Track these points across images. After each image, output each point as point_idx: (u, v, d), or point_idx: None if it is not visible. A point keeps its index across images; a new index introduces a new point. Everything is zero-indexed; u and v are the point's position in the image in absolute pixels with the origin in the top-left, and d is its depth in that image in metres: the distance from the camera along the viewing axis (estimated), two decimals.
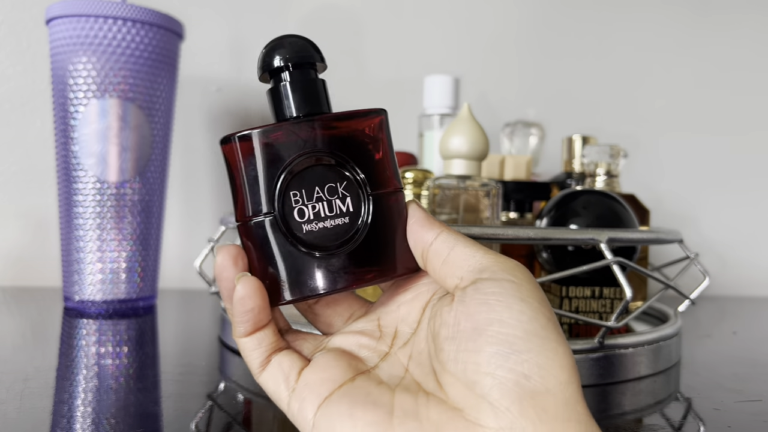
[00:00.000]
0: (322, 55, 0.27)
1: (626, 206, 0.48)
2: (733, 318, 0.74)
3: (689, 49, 0.91)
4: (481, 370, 0.21)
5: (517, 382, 0.20)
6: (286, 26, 0.83)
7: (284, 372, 0.25)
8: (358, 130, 0.26)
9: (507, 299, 0.22)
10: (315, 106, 0.26)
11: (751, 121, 0.91)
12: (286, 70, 0.26)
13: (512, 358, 0.20)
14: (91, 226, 0.59)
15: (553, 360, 0.20)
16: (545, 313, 0.22)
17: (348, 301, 0.28)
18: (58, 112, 0.60)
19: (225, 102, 0.82)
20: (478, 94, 0.87)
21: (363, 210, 0.25)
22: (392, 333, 0.26)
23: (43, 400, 0.35)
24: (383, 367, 0.25)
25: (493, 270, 0.23)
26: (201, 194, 0.82)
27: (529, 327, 0.21)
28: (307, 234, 0.25)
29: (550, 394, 0.20)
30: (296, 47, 0.26)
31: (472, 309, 0.22)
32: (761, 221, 0.91)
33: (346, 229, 0.25)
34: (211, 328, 0.57)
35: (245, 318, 0.25)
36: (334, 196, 0.25)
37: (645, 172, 0.89)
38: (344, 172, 0.25)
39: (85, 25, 0.57)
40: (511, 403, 0.20)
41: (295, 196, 0.25)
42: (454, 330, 0.22)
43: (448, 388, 0.22)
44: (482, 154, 0.45)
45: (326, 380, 0.24)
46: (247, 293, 0.24)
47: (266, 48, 0.27)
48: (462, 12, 0.87)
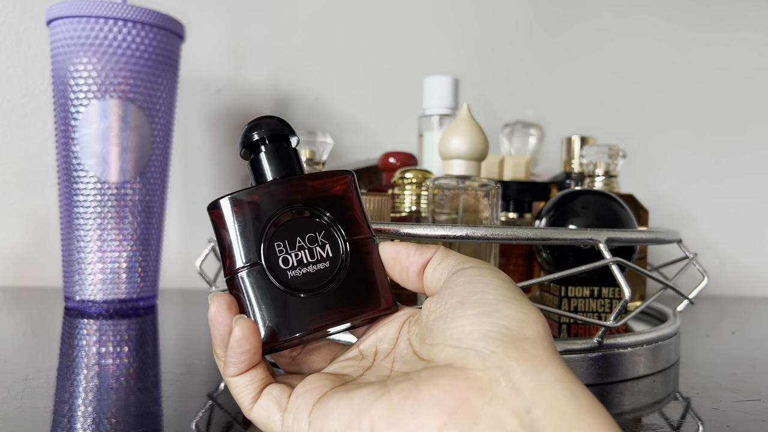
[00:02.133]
0: (294, 130, 0.31)
1: (625, 206, 0.48)
2: (731, 318, 0.74)
3: (688, 50, 0.91)
4: (466, 329, 0.23)
5: (499, 332, 0.22)
6: (286, 27, 0.83)
7: (275, 398, 0.26)
8: (329, 188, 0.30)
9: (487, 278, 0.25)
10: (289, 170, 0.30)
11: (750, 121, 0.91)
12: (263, 144, 0.30)
13: (494, 314, 0.23)
14: (91, 227, 0.59)
15: (529, 316, 0.23)
16: (519, 290, 0.25)
17: (329, 345, 0.31)
18: (59, 112, 0.60)
19: (225, 103, 0.82)
20: (478, 94, 0.87)
21: (341, 253, 0.29)
22: (373, 353, 0.28)
23: (44, 400, 0.35)
24: (368, 374, 0.27)
25: (475, 263, 0.27)
26: (201, 194, 0.82)
27: (508, 294, 0.24)
28: (292, 279, 0.28)
29: (530, 341, 0.22)
30: (271, 125, 0.30)
31: (457, 289, 0.25)
32: (760, 221, 0.92)
33: (327, 273, 0.28)
34: None
35: (241, 359, 0.26)
36: (314, 243, 0.28)
37: (644, 172, 0.89)
38: (322, 222, 0.29)
39: (86, 25, 0.57)
40: (496, 347, 0.22)
41: (279, 246, 0.28)
42: (441, 309, 0.25)
43: (437, 356, 0.24)
44: (482, 155, 0.45)
45: (317, 388, 0.25)
46: (244, 334, 0.26)
47: (245, 128, 0.31)
48: (462, 12, 0.88)
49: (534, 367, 0.21)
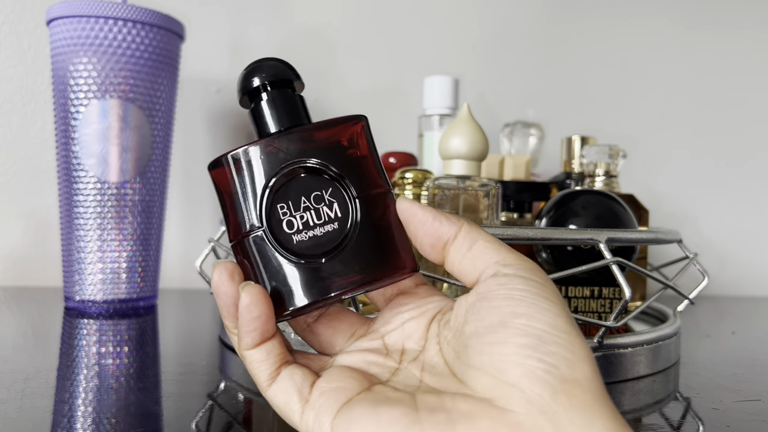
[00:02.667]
0: (298, 74, 0.28)
1: (625, 206, 0.48)
2: (732, 318, 0.74)
3: (688, 49, 0.91)
4: (508, 360, 0.21)
5: (546, 371, 0.20)
6: (286, 27, 0.83)
7: (296, 384, 0.24)
8: (338, 137, 0.26)
9: (532, 297, 0.22)
10: (294, 120, 0.27)
11: (750, 121, 0.91)
12: (264, 90, 0.27)
13: (540, 349, 0.21)
14: (91, 226, 0.59)
15: (578, 355, 0.21)
16: (567, 313, 0.22)
17: (349, 319, 0.28)
18: (59, 112, 0.60)
19: (225, 103, 0.82)
20: (478, 94, 0.87)
21: (351, 214, 0.25)
22: (399, 350, 0.26)
23: (44, 400, 0.35)
24: (396, 380, 0.25)
25: (517, 267, 0.23)
26: (201, 194, 0.82)
27: (554, 323, 0.21)
28: (298, 244, 0.25)
29: (578, 384, 0.20)
30: (273, 68, 0.27)
31: (497, 303, 0.22)
32: (760, 221, 0.92)
33: (336, 235, 0.25)
34: (211, 327, 0.57)
35: (252, 326, 0.24)
36: (321, 203, 0.25)
37: (644, 172, 0.89)
38: (328, 179, 0.26)
39: (86, 25, 0.57)
40: (542, 390, 0.20)
41: (282, 208, 0.25)
42: (478, 325, 0.22)
43: (473, 382, 0.22)
44: (482, 155, 0.45)
45: (343, 389, 0.23)
46: (252, 300, 0.24)
47: (243, 72, 0.27)
48: (462, 12, 0.88)
49: (583, 415, 0.19)
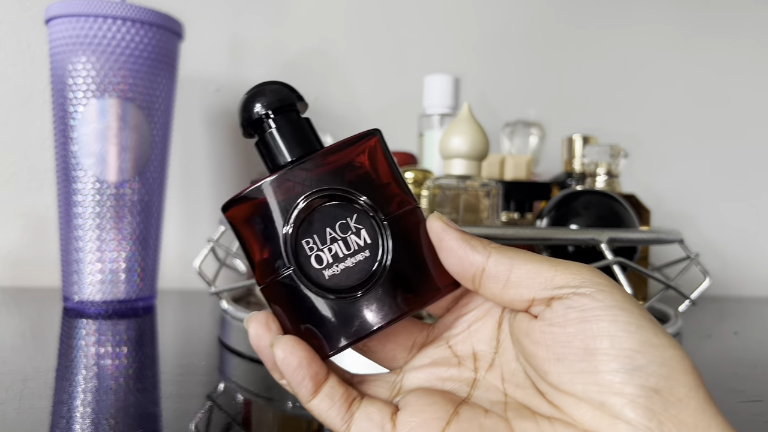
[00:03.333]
0: (300, 95, 0.26)
1: (626, 206, 0.48)
2: (733, 318, 0.73)
3: (689, 50, 0.91)
4: (606, 391, 0.20)
5: (648, 398, 0.19)
6: (285, 26, 0.83)
7: (377, 423, 0.23)
8: (354, 158, 0.24)
9: (607, 311, 0.20)
10: (305, 147, 0.25)
11: (751, 121, 0.91)
12: (269, 119, 0.26)
13: (636, 374, 0.20)
14: (90, 226, 0.59)
15: (675, 369, 0.20)
16: (646, 316, 0.21)
17: (406, 329, 0.26)
18: (58, 111, 0.60)
19: (224, 102, 0.82)
20: (478, 94, 0.87)
21: (381, 238, 0.24)
22: (470, 355, 0.25)
23: (43, 401, 0.35)
24: (478, 395, 0.23)
25: (573, 285, 0.21)
26: (200, 194, 0.82)
27: (641, 337, 0.20)
28: (330, 279, 0.23)
29: (683, 404, 0.19)
30: (276, 93, 0.25)
31: (572, 329, 0.21)
32: (761, 221, 0.91)
33: (369, 264, 0.24)
34: (210, 328, 0.57)
35: (299, 377, 0.23)
36: (348, 232, 0.24)
37: (645, 172, 0.89)
38: (351, 205, 0.24)
39: (85, 24, 0.57)
40: (648, 421, 0.19)
41: (308, 243, 0.24)
42: (558, 351, 0.21)
43: (570, 410, 0.21)
44: (482, 154, 0.45)
45: (430, 420, 0.22)
46: (285, 352, 0.23)
47: (243, 101, 0.26)
48: (462, 12, 0.87)
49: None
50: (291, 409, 0.35)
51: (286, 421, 0.35)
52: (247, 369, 0.43)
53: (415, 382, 0.25)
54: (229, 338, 0.48)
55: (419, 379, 0.25)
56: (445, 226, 0.24)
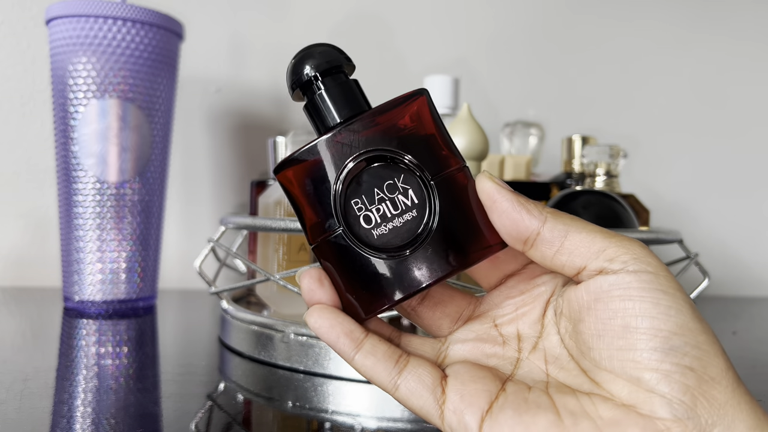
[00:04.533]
0: (348, 57, 0.27)
1: (626, 206, 0.48)
2: (732, 318, 0.74)
3: (689, 49, 0.91)
4: (642, 367, 0.21)
5: (683, 374, 0.20)
6: (285, 26, 0.83)
7: (428, 386, 0.23)
8: (401, 119, 0.25)
9: (651, 294, 0.21)
10: (354, 108, 0.26)
11: (751, 121, 0.91)
12: (318, 80, 0.26)
13: (672, 353, 0.21)
14: (90, 227, 0.59)
15: (708, 351, 0.21)
16: (687, 301, 0.22)
17: (455, 300, 0.27)
18: (58, 112, 0.60)
19: (225, 102, 0.82)
20: (478, 94, 0.87)
21: (428, 198, 0.24)
22: (515, 336, 0.25)
23: (43, 401, 0.35)
24: (521, 374, 0.24)
25: (623, 260, 0.22)
26: (201, 194, 0.82)
27: (679, 320, 0.21)
28: (379, 238, 0.24)
29: (715, 382, 0.20)
30: (324, 54, 0.26)
31: (614, 306, 0.22)
32: (761, 221, 0.91)
33: (417, 223, 0.24)
34: (211, 328, 0.57)
35: (333, 336, 0.24)
36: (395, 192, 0.24)
37: (645, 172, 0.89)
38: (399, 165, 0.24)
39: (85, 25, 0.57)
40: (682, 395, 0.20)
41: (357, 204, 0.24)
42: (599, 327, 0.22)
43: (608, 385, 0.22)
44: (482, 154, 0.45)
45: (480, 391, 0.23)
46: (314, 318, 0.24)
47: (292, 63, 0.26)
48: (462, 12, 0.87)
49: (723, 416, 0.20)
50: (291, 408, 0.36)
51: (286, 421, 0.35)
52: (247, 369, 0.43)
53: (460, 354, 0.25)
54: (229, 338, 0.48)
55: (464, 351, 0.25)
56: (498, 187, 0.24)
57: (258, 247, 0.57)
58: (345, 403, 0.37)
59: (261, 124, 0.83)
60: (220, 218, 0.51)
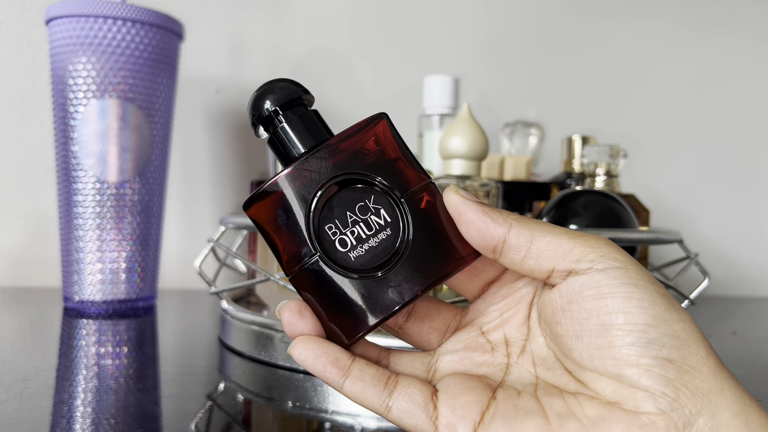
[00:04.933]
0: (306, 89, 0.27)
1: (626, 206, 0.48)
2: (732, 318, 0.74)
3: (688, 49, 0.91)
4: (622, 363, 0.21)
5: (662, 367, 0.20)
6: (285, 26, 0.83)
7: (419, 404, 0.24)
8: (366, 143, 0.25)
9: (622, 288, 0.21)
10: (317, 138, 0.26)
11: (750, 120, 0.91)
12: (279, 114, 0.26)
13: (649, 346, 0.21)
14: (90, 227, 0.59)
15: (686, 340, 0.21)
16: (660, 291, 0.22)
17: (440, 313, 0.27)
18: (58, 112, 0.60)
19: (225, 102, 0.82)
20: (478, 94, 0.87)
21: (401, 216, 0.25)
22: (503, 342, 0.26)
23: (43, 401, 0.35)
24: (511, 379, 0.24)
25: (590, 259, 0.22)
26: (201, 194, 0.82)
27: (653, 312, 0.21)
28: (356, 260, 0.25)
29: (696, 371, 0.20)
30: (281, 90, 0.26)
31: (588, 306, 0.22)
32: (761, 221, 0.91)
33: (392, 241, 0.25)
34: (211, 328, 0.57)
35: (320, 367, 0.24)
36: (368, 213, 0.25)
37: (645, 172, 0.89)
38: (368, 187, 0.25)
39: (85, 25, 0.57)
40: (664, 387, 0.20)
41: (331, 228, 0.25)
42: (576, 328, 0.22)
43: (592, 384, 0.22)
44: (482, 154, 0.45)
45: (471, 403, 0.23)
46: (299, 349, 0.24)
47: (252, 100, 0.27)
48: (462, 12, 0.87)
49: (707, 404, 0.20)
50: (291, 408, 0.36)
51: (286, 421, 0.35)
52: (247, 369, 0.43)
53: (450, 366, 0.26)
54: (229, 338, 0.48)
55: (454, 363, 0.26)
56: (463, 199, 0.24)
57: (258, 247, 0.57)
58: (345, 403, 0.37)
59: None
60: (220, 218, 0.51)
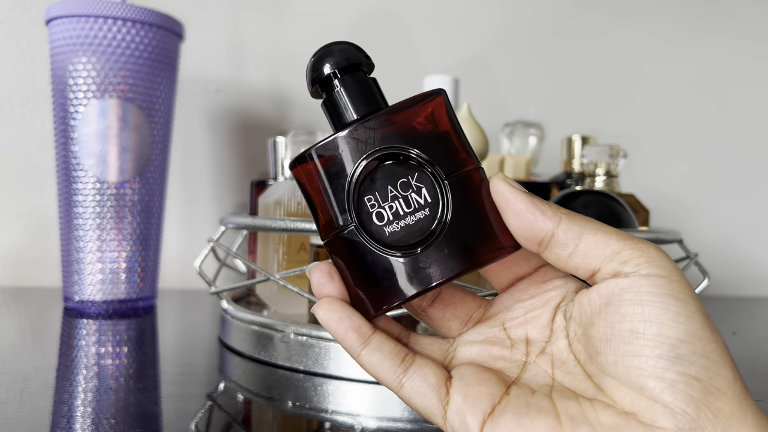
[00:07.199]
0: (368, 55, 0.27)
1: (626, 206, 0.48)
2: (732, 318, 0.74)
3: (689, 49, 0.91)
4: (647, 375, 0.20)
5: (687, 384, 0.20)
6: (285, 27, 0.83)
7: (433, 386, 0.23)
8: (418, 117, 0.25)
9: (661, 299, 0.21)
10: (371, 106, 0.26)
11: (750, 120, 0.91)
12: (336, 78, 0.26)
13: (678, 362, 0.20)
14: (91, 226, 0.59)
15: (716, 361, 0.20)
16: (699, 308, 0.21)
17: (465, 302, 0.27)
18: (58, 112, 0.60)
19: (225, 102, 0.82)
20: (478, 94, 0.87)
21: (441, 197, 0.24)
22: (523, 339, 0.25)
23: (43, 401, 0.35)
24: (526, 377, 0.24)
25: (637, 263, 0.22)
26: (201, 194, 0.82)
27: (688, 328, 0.20)
28: (391, 235, 0.24)
29: (721, 393, 0.20)
30: (343, 52, 0.26)
31: (624, 309, 0.21)
32: (761, 221, 0.91)
33: (429, 221, 0.24)
34: (211, 328, 0.57)
35: (342, 330, 0.24)
36: (408, 190, 0.24)
37: (645, 172, 0.89)
38: (412, 164, 0.24)
39: (85, 25, 0.57)
40: (686, 405, 0.20)
41: (370, 200, 0.24)
42: (608, 331, 0.22)
43: (611, 391, 0.21)
44: (482, 154, 0.45)
45: (484, 394, 0.23)
46: (324, 310, 0.24)
47: (312, 60, 0.26)
48: (462, 12, 0.87)
49: (728, 428, 0.20)
50: (291, 408, 0.36)
51: (286, 421, 0.35)
52: (247, 369, 0.43)
53: (467, 355, 0.25)
54: (229, 338, 0.48)
55: (472, 353, 0.25)
56: (513, 188, 0.24)
57: (258, 247, 0.57)
58: (345, 402, 0.37)
59: (261, 124, 0.83)
60: (220, 218, 0.51)
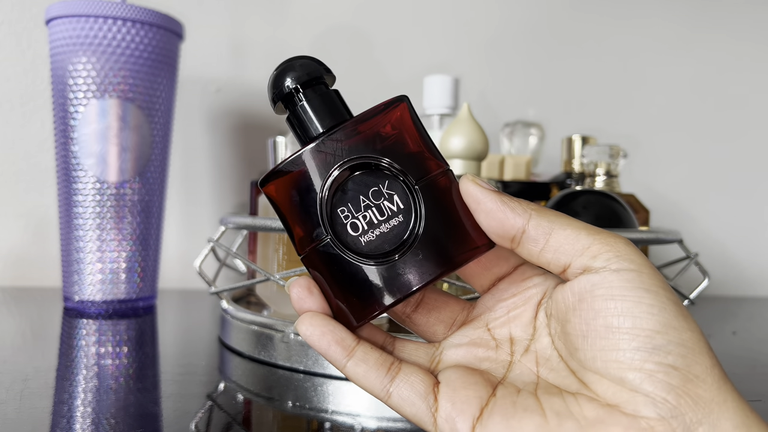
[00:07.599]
0: (328, 68, 0.27)
1: (626, 206, 0.48)
2: (732, 318, 0.74)
3: (689, 49, 0.91)
4: (625, 367, 0.21)
5: (666, 373, 0.20)
6: (285, 27, 0.83)
7: (421, 393, 0.24)
8: (383, 127, 0.25)
9: (633, 292, 0.21)
10: (336, 118, 0.26)
11: (750, 120, 0.91)
12: (299, 93, 0.26)
13: (655, 352, 0.20)
14: (90, 226, 0.59)
15: (693, 349, 0.21)
16: (671, 298, 0.21)
17: (448, 306, 0.27)
18: (58, 112, 0.60)
19: (225, 102, 0.82)
20: (478, 94, 0.87)
21: (414, 203, 0.25)
22: (508, 339, 0.25)
23: (43, 401, 0.35)
24: (512, 376, 0.24)
25: (606, 257, 0.22)
26: (201, 194, 0.82)
27: (662, 319, 0.21)
28: (367, 245, 0.24)
29: (700, 380, 0.20)
30: (302, 68, 0.26)
31: (597, 305, 0.22)
32: (761, 221, 0.91)
33: (403, 228, 0.24)
34: (211, 328, 0.57)
35: (324, 344, 0.24)
36: (381, 199, 0.25)
37: (645, 172, 0.89)
38: (383, 172, 0.25)
39: (85, 25, 0.57)
40: (666, 394, 0.20)
41: (343, 212, 0.25)
42: (584, 328, 0.22)
43: (594, 385, 0.22)
44: (482, 154, 0.45)
45: (471, 398, 0.23)
46: (306, 326, 0.24)
47: (273, 76, 0.26)
48: (462, 12, 0.87)
49: (709, 413, 0.20)
50: (291, 408, 0.36)
51: (286, 421, 0.35)
52: (247, 369, 0.43)
53: (453, 358, 0.26)
54: (229, 338, 0.48)
55: (458, 356, 0.26)
56: (481, 188, 0.24)
57: (258, 247, 0.57)
58: (345, 403, 0.37)
59: (261, 124, 0.83)
60: (220, 218, 0.51)
